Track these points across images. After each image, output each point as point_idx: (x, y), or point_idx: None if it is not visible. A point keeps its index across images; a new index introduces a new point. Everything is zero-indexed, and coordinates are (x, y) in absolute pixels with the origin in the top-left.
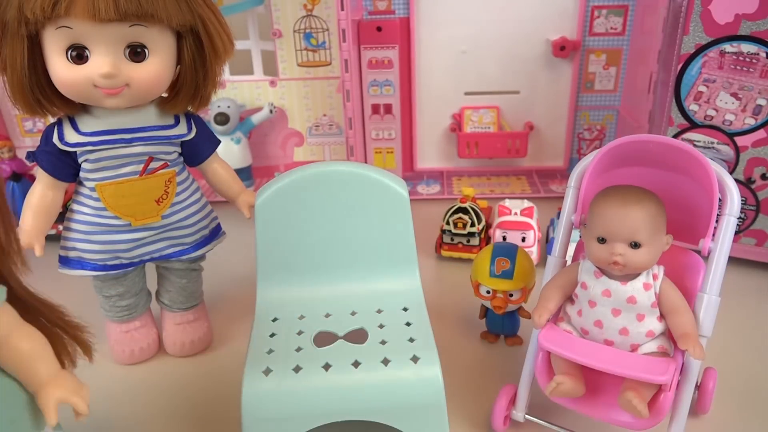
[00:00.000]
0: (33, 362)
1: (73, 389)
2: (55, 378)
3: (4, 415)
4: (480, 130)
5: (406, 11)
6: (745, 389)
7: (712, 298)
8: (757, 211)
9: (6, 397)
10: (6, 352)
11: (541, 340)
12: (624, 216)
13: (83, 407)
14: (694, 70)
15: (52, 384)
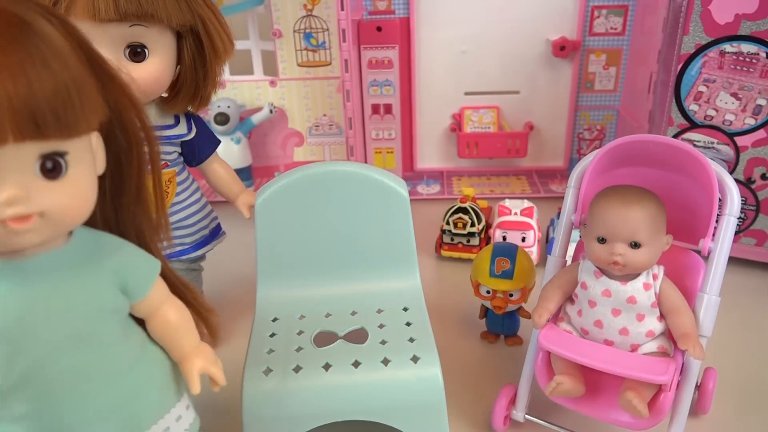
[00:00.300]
0: (179, 333)
1: (212, 360)
2: (197, 348)
3: (155, 381)
4: (480, 130)
5: (406, 11)
6: (745, 389)
7: (712, 298)
8: (757, 211)
9: (156, 364)
10: (156, 322)
11: (541, 340)
12: (624, 216)
13: (221, 378)
14: (694, 70)
15: (195, 354)
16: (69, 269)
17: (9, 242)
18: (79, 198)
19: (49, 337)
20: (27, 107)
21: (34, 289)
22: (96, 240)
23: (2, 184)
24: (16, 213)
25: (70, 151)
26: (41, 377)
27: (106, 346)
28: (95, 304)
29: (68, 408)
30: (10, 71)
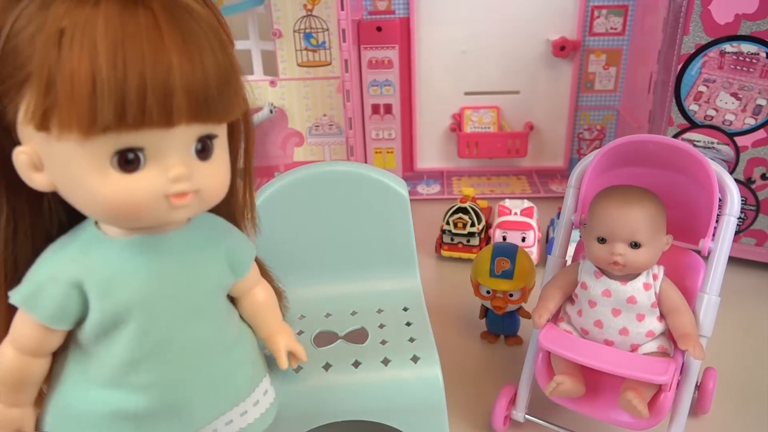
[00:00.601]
0: (267, 312)
1: (294, 338)
2: (281, 327)
3: (249, 356)
4: (480, 130)
5: (406, 11)
6: (745, 389)
7: (712, 298)
8: (757, 211)
9: (248, 341)
10: (248, 301)
11: (541, 340)
12: (624, 216)
13: (304, 355)
14: (694, 70)
15: (280, 332)
16: (193, 246)
17: (166, 216)
18: (223, 178)
19: (176, 309)
20: (202, 92)
21: (165, 263)
22: (210, 221)
23: (171, 162)
24: (181, 189)
25: (219, 135)
26: (167, 349)
27: (218, 321)
28: (213, 280)
29: (184, 380)
30: (190, 58)
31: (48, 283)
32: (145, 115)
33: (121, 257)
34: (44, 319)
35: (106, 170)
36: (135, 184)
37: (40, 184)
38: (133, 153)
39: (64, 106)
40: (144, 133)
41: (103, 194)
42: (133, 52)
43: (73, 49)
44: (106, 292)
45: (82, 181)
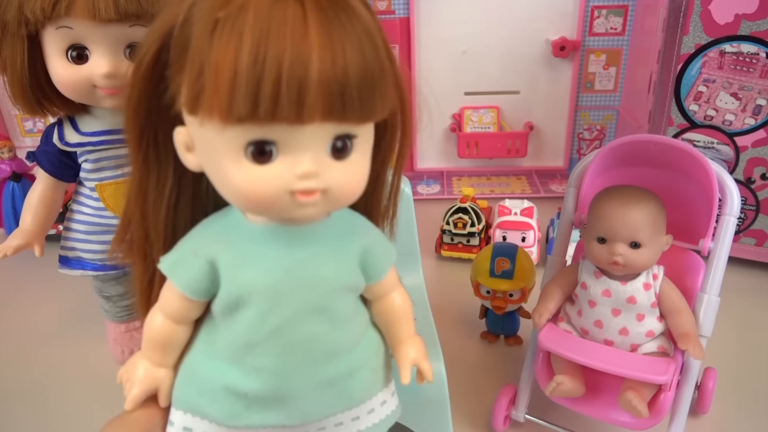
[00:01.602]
0: (401, 320)
1: (424, 354)
2: (412, 338)
3: (370, 363)
4: (480, 130)
5: (406, 11)
6: (745, 389)
7: (712, 298)
8: (757, 211)
9: (372, 347)
10: (382, 306)
11: (541, 340)
12: (624, 216)
13: (430, 375)
14: (694, 70)
15: (410, 344)
16: (325, 243)
17: (292, 212)
18: (357, 180)
19: (296, 302)
20: (340, 90)
21: (295, 256)
22: (350, 219)
23: (301, 159)
24: (306, 186)
25: (359, 135)
26: (284, 338)
27: (339, 321)
28: (341, 279)
29: (296, 372)
30: (333, 51)
31: (189, 255)
32: (276, 109)
33: (254, 242)
34: (182, 288)
35: (240, 159)
36: (263, 176)
37: (191, 163)
38: (266, 145)
39: (207, 94)
40: (276, 127)
41: (234, 182)
42: (275, 45)
43: (222, 40)
44: (234, 273)
45: (219, 166)
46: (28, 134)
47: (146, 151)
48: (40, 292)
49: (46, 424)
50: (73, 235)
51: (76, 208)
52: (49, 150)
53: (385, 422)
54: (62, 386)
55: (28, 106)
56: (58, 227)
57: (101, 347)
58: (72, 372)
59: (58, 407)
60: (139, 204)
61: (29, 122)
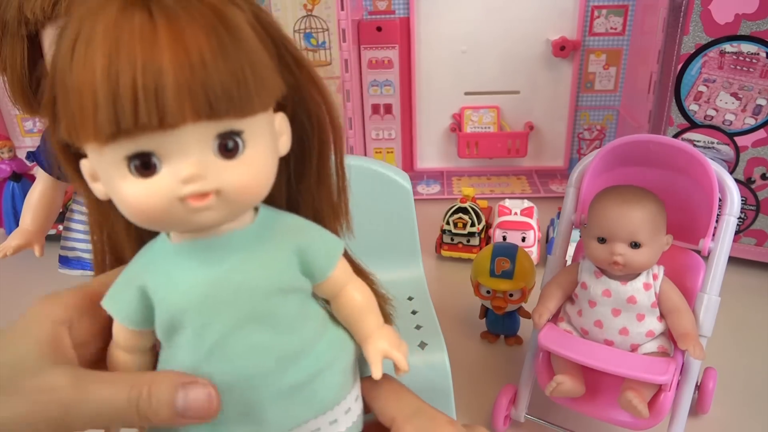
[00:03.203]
0: (363, 313)
1: (396, 344)
2: (379, 330)
3: (336, 363)
4: (480, 130)
5: (406, 11)
6: (745, 389)
7: (712, 298)
8: (757, 211)
9: (338, 345)
10: (340, 302)
11: (541, 340)
12: (624, 216)
13: (404, 364)
14: (694, 70)
15: (378, 336)
16: (252, 249)
17: (189, 220)
18: (255, 177)
19: (232, 314)
20: (201, 89)
21: (219, 268)
22: (280, 220)
23: (182, 163)
24: (192, 191)
25: (246, 130)
26: (227, 354)
27: (284, 326)
28: (275, 284)
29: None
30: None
31: (123, 287)
32: (138, 119)
33: (175, 262)
34: (120, 320)
35: (126, 176)
36: (150, 188)
37: (99, 192)
38: (147, 158)
39: (77, 119)
40: (147, 137)
41: (126, 198)
42: (125, 58)
43: (78, 64)
44: (162, 296)
45: (113, 186)
46: (28, 134)
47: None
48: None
49: None
50: (73, 235)
51: (76, 208)
52: (48, 150)
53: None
54: None
55: (28, 106)
56: (58, 227)
57: None
58: None
59: None
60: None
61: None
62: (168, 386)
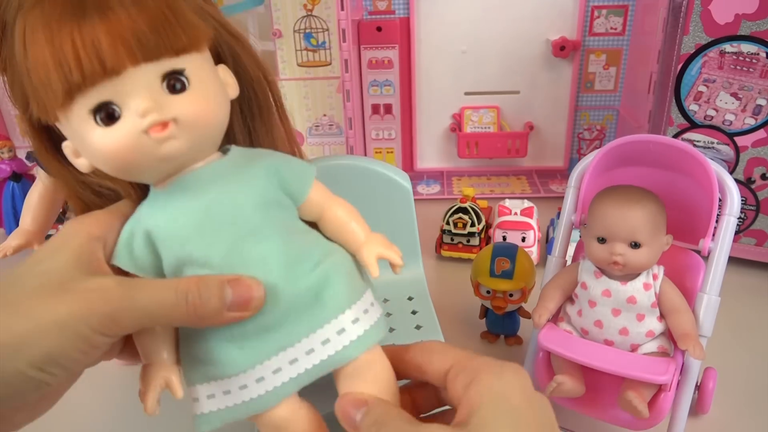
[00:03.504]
0: (350, 225)
1: (387, 245)
2: (370, 236)
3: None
4: (480, 130)
5: (406, 11)
6: (745, 389)
7: (712, 298)
8: (757, 211)
9: (340, 251)
10: (327, 219)
11: (541, 340)
12: (624, 216)
13: (398, 260)
14: (694, 70)
15: (370, 242)
16: (231, 174)
17: (157, 153)
18: (206, 105)
19: (230, 232)
20: (132, 34)
21: (207, 195)
22: (250, 152)
23: (136, 101)
24: (151, 120)
25: (187, 68)
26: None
27: (280, 236)
28: (261, 198)
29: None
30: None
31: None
32: (84, 72)
33: (166, 202)
34: (129, 269)
35: (95, 128)
36: (116, 132)
37: (83, 166)
38: (106, 108)
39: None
40: (98, 88)
41: (98, 148)
42: (63, 29)
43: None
44: (165, 234)
45: (87, 145)
46: None
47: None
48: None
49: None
50: None
51: None
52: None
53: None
54: None
55: None
56: (58, 227)
57: None
58: None
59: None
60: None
61: None
62: (215, 281)
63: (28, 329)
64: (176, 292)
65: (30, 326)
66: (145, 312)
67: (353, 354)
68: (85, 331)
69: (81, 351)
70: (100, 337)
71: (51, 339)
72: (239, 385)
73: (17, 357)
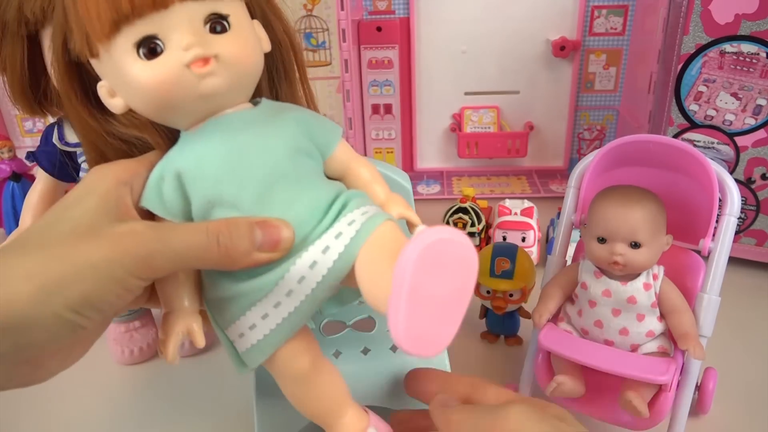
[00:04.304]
0: (372, 185)
1: (406, 206)
2: (390, 197)
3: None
4: (480, 130)
5: (406, 11)
6: (746, 389)
7: (712, 298)
8: (757, 211)
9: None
10: (351, 177)
11: (541, 340)
12: (624, 216)
13: (417, 220)
14: (694, 70)
15: (390, 201)
16: (261, 121)
17: (197, 88)
18: (246, 47)
19: (261, 173)
20: None
21: (238, 138)
22: (280, 105)
23: (181, 36)
24: (195, 54)
25: (231, 14)
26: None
27: (308, 182)
28: (290, 144)
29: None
30: None
31: (156, 183)
32: (134, 3)
33: (198, 143)
34: (159, 212)
35: (137, 61)
36: (159, 65)
37: (118, 106)
38: (151, 42)
39: (87, 25)
40: (145, 21)
41: (140, 81)
42: None
43: None
44: (194, 178)
45: (127, 80)
46: (28, 134)
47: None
48: None
49: (46, 424)
50: None
51: None
52: (48, 150)
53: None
54: (62, 387)
55: (28, 106)
56: None
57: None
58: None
59: (58, 408)
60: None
61: (29, 122)
62: (245, 223)
63: (64, 272)
64: (207, 234)
65: (66, 269)
66: (177, 254)
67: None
68: (120, 273)
69: (116, 294)
70: (135, 280)
71: (87, 282)
72: (273, 303)
73: (54, 300)
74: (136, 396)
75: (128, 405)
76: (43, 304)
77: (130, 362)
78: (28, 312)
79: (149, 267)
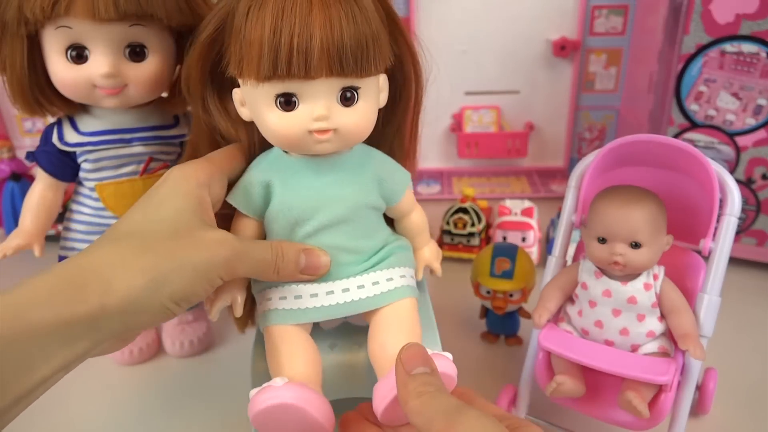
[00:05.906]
0: (418, 232)
1: (435, 255)
2: (427, 244)
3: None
4: (480, 130)
5: (406, 11)
6: (746, 389)
7: (712, 299)
8: (757, 211)
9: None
10: (404, 222)
11: (541, 340)
12: (624, 216)
13: (438, 271)
14: (695, 70)
15: (426, 248)
16: (347, 171)
17: (312, 148)
18: (363, 122)
19: (326, 215)
20: (337, 53)
21: (322, 180)
22: (368, 153)
23: (315, 105)
24: (319, 126)
25: (362, 87)
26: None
27: (362, 232)
28: (360, 198)
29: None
30: (331, 24)
31: (245, 186)
32: (291, 69)
33: (293, 171)
34: (243, 209)
35: (273, 108)
36: (289, 120)
37: (245, 115)
38: (289, 97)
39: (245, 62)
40: (293, 82)
41: (270, 125)
42: (287, 23)
43: (252, 22)
44: (281, 193)
45: (260, 114)
46: (28, 134)
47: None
48: None
49: (46, 424)
50: (73, 235)
51: (75, 208)
52: (48, 150)
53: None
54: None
55: (28, 106)
56: (58, 227)
57: None
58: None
59: (59, 407)
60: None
61: (29, 122)
62: (294, 249)
63: (171, 269)
64: (272, 254)
65: (173, 267)
66: (252, 263)
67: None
68: (212, 274)
69: (204, 289)
70: (219, 279)
71: (187, 279)
72: (294, 295)
73: (162, 291)
74: (136, 396)
75: (128, 405)
76: (152, 294)
77: (130, 362)
78: (141, 299)
79: (233, 271)
